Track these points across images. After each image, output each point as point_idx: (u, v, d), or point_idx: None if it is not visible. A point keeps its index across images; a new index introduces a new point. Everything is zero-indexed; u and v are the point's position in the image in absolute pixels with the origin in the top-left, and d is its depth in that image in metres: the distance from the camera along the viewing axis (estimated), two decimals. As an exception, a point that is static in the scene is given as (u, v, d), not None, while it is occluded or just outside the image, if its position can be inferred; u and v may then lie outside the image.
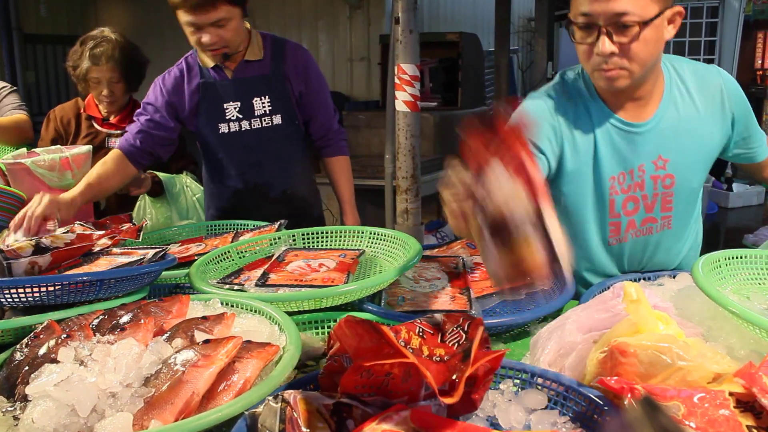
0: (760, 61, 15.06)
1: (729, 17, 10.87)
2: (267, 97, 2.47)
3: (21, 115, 3.13)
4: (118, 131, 2.83)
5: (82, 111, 2.88)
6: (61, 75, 8.14)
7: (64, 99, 3.11)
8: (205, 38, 2.27)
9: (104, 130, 2.84)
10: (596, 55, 1.58)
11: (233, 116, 2.46)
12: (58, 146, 2.58)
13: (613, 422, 0.94)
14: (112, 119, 2.85)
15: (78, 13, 9.13)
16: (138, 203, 2.70)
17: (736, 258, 1.54)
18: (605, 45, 1.55)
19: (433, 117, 6.26)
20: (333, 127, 2.67)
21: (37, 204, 1.97)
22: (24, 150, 2.52)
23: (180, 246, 2.17)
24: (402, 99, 3.68)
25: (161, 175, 2.69)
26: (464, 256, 1.91)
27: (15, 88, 3.30)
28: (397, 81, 3.70)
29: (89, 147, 2.48)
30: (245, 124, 2.48)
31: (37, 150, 2.50)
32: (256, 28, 2.54)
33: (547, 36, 6.71)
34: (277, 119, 2.50)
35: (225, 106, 2.45)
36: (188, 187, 2.77)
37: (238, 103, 2.45)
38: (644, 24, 1.51)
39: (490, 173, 1.00)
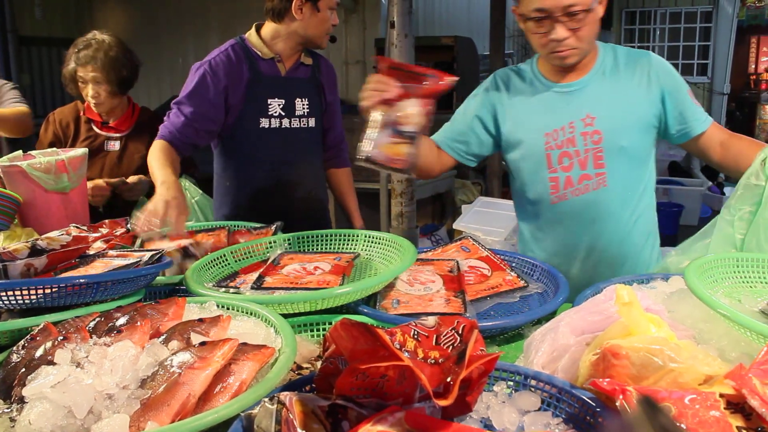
0: (753, 66, 15.14)
1: (722, 22, 10.92)
2: (307, 99, 2.56)
3: (23, 107, 3.15)
4: (118, 134, 2.84)
5: (81, 114, 2.88)
6: (57, 78, 8.10)
7: (59, 101, 3.13)
8: (559, 33, 1.93)
9: (103, 133, 2.84)
10: (551, 41, 1.89)
11: (276, 112, 2.50)
12: (54, 149, 2.58)
13: (613, 422, 0.95)
14: (112, 122, 2.85)
15: (73, 15, 9.12)
16: (136, 207, 2.70)
17: (727, 261, 1.56)
18: (561, 32, 1.86)
19: (428, 120, 6.26)
20: (343, 139, 2.83)
21: (165, 207, 1.94)
22: (20, 152, 2.51)
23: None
24: (397, 103, 3.69)
25: None
26: (459, 260, 1.92)
27: (17, 85, 3.32)
28: (392, 85, 3.71)
29: (85, 150, 2.48)
30: (285, 122, 2.53)
31: (33, 153, 2.49)
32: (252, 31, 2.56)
33: (542, 40, 6.72)
34: (312, 122, 2.59)
35: (269, 101, 2.49)
36: (187, 189, 2.77)
37: (283, 101, 2.51)
38: (588, 11, 1.84)
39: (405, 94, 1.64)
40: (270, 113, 2.49)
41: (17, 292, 1.39)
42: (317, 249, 2.09)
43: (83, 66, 2.71)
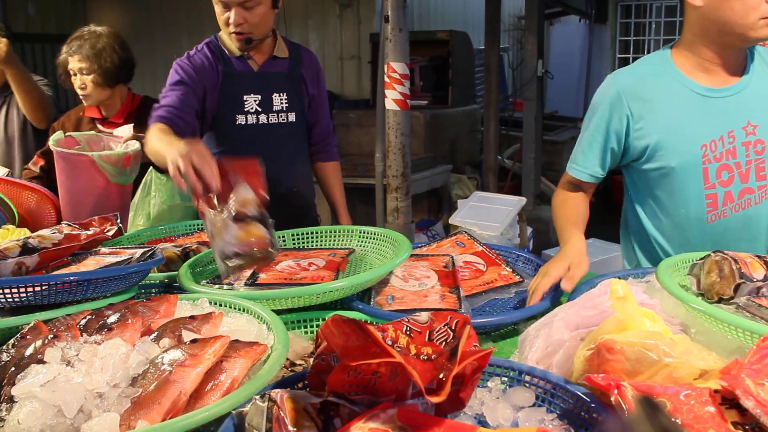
0: (749, 59, 15.15)
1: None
2: (285, 94, 2.50)
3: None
4: (93, 132, 2.78)
5: (82, 114, 2.89)
6: (50, 74, 8.11)
7: (53, 98, 3.12)
8: (233, 17, 2.27)
9: (106, 129, 2.83)
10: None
11: (252, 108, 2.46)
12: (95, 134, 2.64)
13: (613, 422, 0.95)
14: (112, 117, 2.85)
15: (67, 12, 9.09)
16: (145, 179, 2.68)
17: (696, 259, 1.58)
18: None
19: (423, 115, 6.26)
20: (331, 133, 2.76)
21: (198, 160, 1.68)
22: (61, 133, 2.54)
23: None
24: (392, 97, 3.68)
25: None
26: (454, 255, 1.91)
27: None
28: (386, 79, 3.70)
29: (139, 145, 2.48)
30: (263, 118, 2.48)
31: (73, 134, 2.55)
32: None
33: (538, 34, 6.69)
34: (292, 117, 2.54)
35: (245, 97, 2.44)
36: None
37: (259, 96, 2.46)
38: None
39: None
40: (246, 110, 2.45)
41: (7, 290, 1.37)
42: (312, 245, 2.08)
43: (72, 56, 2.72)
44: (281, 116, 2.51)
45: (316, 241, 2.09)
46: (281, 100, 2.50)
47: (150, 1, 8.69)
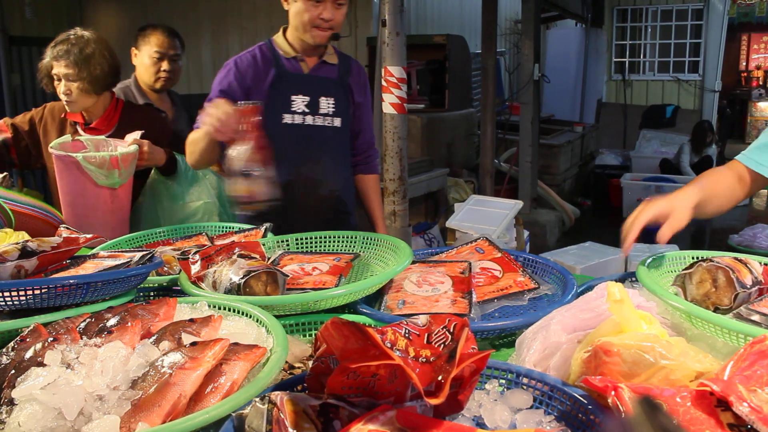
0: (744, 63, 15.21)
1: (713, 19, 10.95)
2: (332, 98, 2.54)
3: None
4: (103, 136, 2.70)
5: (64, 116, 2.77)
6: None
7: (50, 102, 2.97)
8: (326, 14, 2.36)
9: (87, 135, 2.71)
10: None
11: (299, 109, 2.50)
12: (105, 138, 2.59)
13: (613, 422, 0.95)
14: (94, 123, 2.73)
15: (63, 15, 9.08)
16: (149, 181, 2.68)
17: (678, 258, 1.63)
18: None
19: (420, 119, 6.28)
20: (373, 145, 2.81)
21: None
22: (68, 137, 2.52)
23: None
24: (389, 101, 3.70)
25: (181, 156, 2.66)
26: (472, 261, 1.89)
27: None
28: (384, 83, 3.71)
29: (136, 147, 2.47)
30: (309, 119, 2.51)
31: (81, 139, 2.51)
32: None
33: (534, 38, 6.71)
34: (337, 122, 2.56)
35: (293, 98, 2.49)
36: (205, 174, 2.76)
37: (307, 98, 2.50)
38: None
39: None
40: (293, 109, 2.49)
41: (7, 293, 1.38)
42: (316, 250, 2.08)
43: (57, 61, 2.59)
44: (327, 119, 2.54)
45: (319, 246, 2.09)
46: (328, 103, 2.54)
47: (146, 4, 8.69)
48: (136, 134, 2.53)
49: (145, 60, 3.14)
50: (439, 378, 0.91)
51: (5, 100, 7.76)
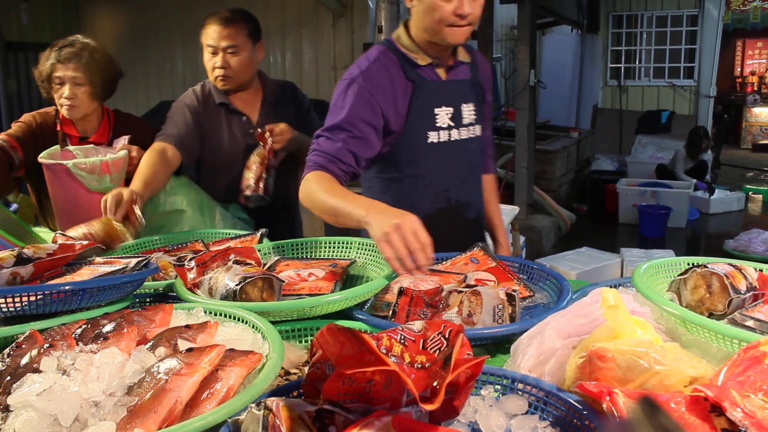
0: (738, 69, 15.28)
1: (708, 25, 10.99)
2: (472, 104, 2.20)
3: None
4: (91, 145, 2.64)
5: (58, 128, 2.70)
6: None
7: (44, 107, 2.88)
8: (464, 7, 1.92)
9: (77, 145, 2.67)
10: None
11: (444, 123, 2.12)
12: (94, 147, 2.55)
13: (613, 422, 0.96)
14: (91, 138, 2.68)
15: (60, 21, 9.09)
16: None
17: (673, 264, 1.63)
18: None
19: (416, 125, 6.26)
20: (491, 142, 2.49)
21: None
22: (57, 148, 2.50)
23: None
24: (385, 107, 3.69)
25: None
26: (467, 273, 1.89)
27: None
28: (380, 89, 3.71)
29: (126, 152, 2.46)
30: (455, 134, 2.15)
31: (71, 149, 2.49)
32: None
33: (530, 44, 6.74)
34: (478, 130, 2.24)
35: (436, 111, 2.11)
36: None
37: (451, 109, 2.13)
38: None
39: None
40: (438, 125, 2.11)
41: (2, 300, 1.38)
42: (310, 256, 2.08)
43: (64, 64, 2.52)
44: (471, 130, 2.20)
45: (316, 252, 2.10)
46: (469, 111, 2.18)
47: (143, 8, 8.69)
48: (123, 139, 2.52)
49: (205, 55, 2.72)
50: (435, 384, 0.92)
51: (1, 106, 7.76)
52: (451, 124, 2.13)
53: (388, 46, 2.10)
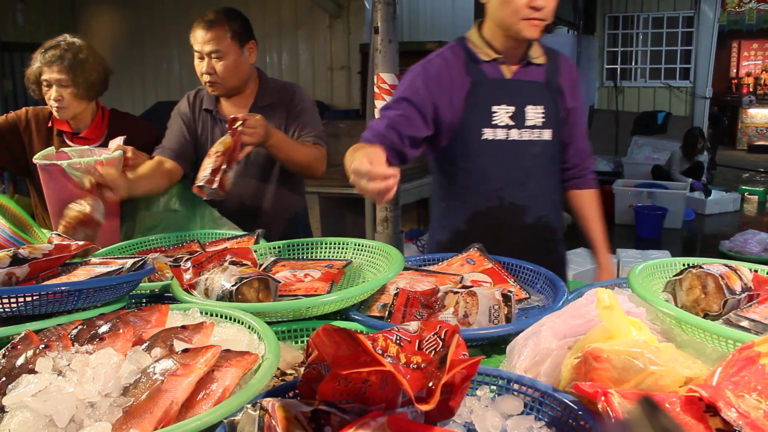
0: (734, 70, 15.32)
1: (704, 27, 11.02)
2: (541, 107, 2.16)
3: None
4: (91, 146, 2.68)
5: (51, 125, 2.72)
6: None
7: (32, 106, 2.89)
8: (538, 0, 1.96)
9: (75, 145, 2.69)
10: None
11: (502, 122, 2.12)
12: (89, 148, 2.56)
13: (612, 423, 0.96)
14: (83, 132, 2.70)
15: (56, 21, 9.07)
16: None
17: (669, 265, 1.63)
18: None
19: (413, 125, 6.26)
20: (588, 156, 2.39)
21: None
22: (52, 149, 2.49)
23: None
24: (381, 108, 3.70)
25: None
26: (464, 274, 1.90)
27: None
28: (376, 90, 3.73)
29: (121, 152, 2.45)
30: (514, 133, 2.13)
31: (66, 150, 2.49)
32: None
33: (526, 45, 6.76)
34: (547, 135, 2.18)
35: (494, 108, 2.12)
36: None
37: (512, 108, 2.12)
38: None
39: None
40: (495, 122, 2.11)
41: (-2, 301, 1.37)
42: (306, 257, 2.08)
43: (49, 66, 2.54)
44: (535, 132, 2.16)
45: (311, 253, 2.10)
46: (536, 113, 2.15)
47: (139, 8, 8.68)
48: (119, 140, 2.51)
49: (195, 60, 2.64)
50: (430, 384, 0.92)
51: (-2, 106, 7.74)
52: (511, 123, 2.12)
53: (458, 42, 2.17)
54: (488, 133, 2.12)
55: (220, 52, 2.50)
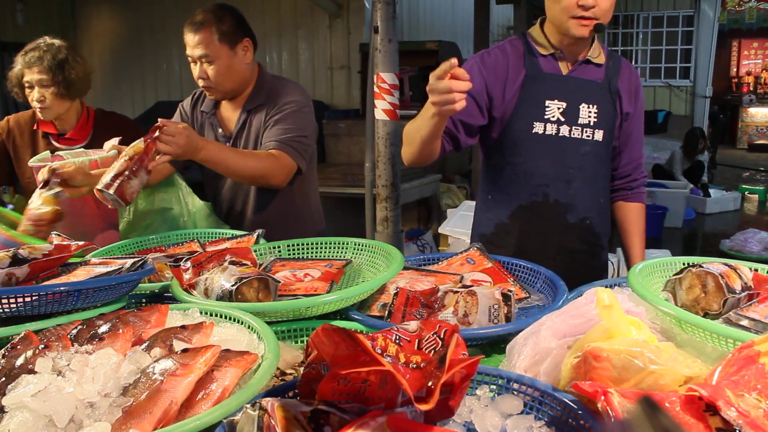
0: (734, 69, 15.32)
1: (704, 26, 11.03)
2: (596, 106, 2.13)
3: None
4: (78, 145, 2.71)
5: (35, 127, 2.74)
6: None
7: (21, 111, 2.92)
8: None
9: (62, 146, 2.71)
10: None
11: (554, 117, 2.11)
12: (83, 149, 2.55)
13: (612, 423, 0.96)
14: (69, 133, 2.72)
15: (55, 21, 9.08)
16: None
17: (670, 264, 1.63)
18: None
19: (413, 125, 6.27)
20: (641, 168, 2.32)
21: None
22: (48, 153, 2.49)
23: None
24: (381, 107, 3.71)
25: None
26: (464, 273, 1.90)
27: None
28: (376, 89, 3.73)
29: (115, 152, 2.44)
30: (564, 130, 2.12)
31: (61, 153, 2.48)
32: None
33: (526, 44, 6.77)
34: (599, 135, 2.15)
35: (547, 103, 2.11)
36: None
37: (564, 104, 2.11)
38: None
39: None
40: (547, 117, 2.11)
41: (-3, 301, 1.37)
42: (306, 256, 2.08)
43: (29, 68, 2.57)
44: (586, 131, 2.13)
45: (311, 252, 2.10)
46: (590, 112, 2.13)
47: (139, 8, 8.69)
48: (114, 141, 2.51)
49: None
50: (430, 384, 0.92)
51: (-3, 106, 7.75)
52: (562, 119, 2.11)
53: (520, 36, 2.19)
54: (538, 127, 2.12)
55: (210, 56, 2.42)
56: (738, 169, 12.05)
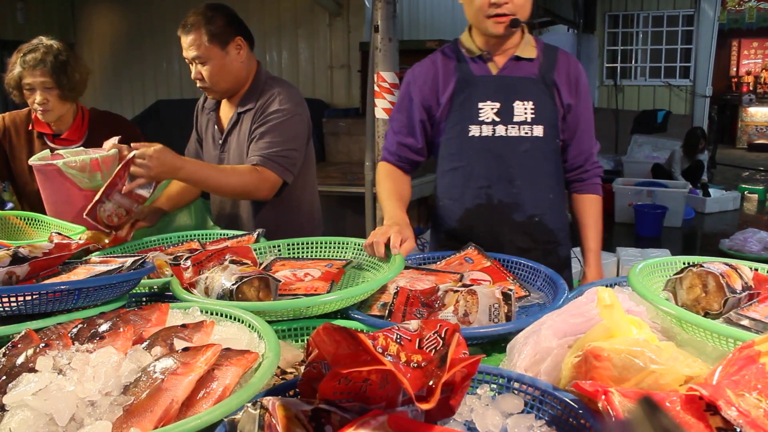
0: (734, 69, 15.32)
1: (704, 25, 11.03)
2: (531, 102, 2.12)
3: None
4: (74, 146, 2.69)
5: (31, 127, 2.72)
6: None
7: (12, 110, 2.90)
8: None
9: (57, 146, 2.69)
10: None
11: (488, 118, 2.11)
12: (83, 148, 2.54)
13: (613, 421, 0.96)
14: (64, 134, 2.71)
15: (55, 20, 9.07)
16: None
17: (670, 264, 1.63)
18: None
19: (413, 124, 6.27)
20: (592, 158, 2.30)
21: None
22: (47, 152, 2.48)
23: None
24: (381, 106, 3.71)
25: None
26: (464, 273, 1.89)
27: None
28: (376, 88, 3.73)
29: (116, 150, 2.44)
30: (500, 129, 2.12)
31: (61, 152, 2.47)
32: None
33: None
34: (538, 131, 2.13)
35: (480, 105, 2.12)
36: None
37: (497, 104, 2.11)
38: None
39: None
40: (481, 119, 2.11)
41: (-2, 299, 1.37)
42: (306, 256, 2.08)
43: (30, 70, 2.53)
44: (524, 129, 2.12)
45: (311, 252, 2.09)
46: (525, 109, 2.11)
47: (139, 7, 8.68)
48: (114, 140, 2.51)
49: None
50: (431, 383, 0.92)
51: (-3, 104, 7.74)
52: (497, 119, 2.12)
53: (451, 43, 2.22)
54: (474, 130, 2.13)
55: (202, 58, 2.43)
56: (737, 168, 12.06)
